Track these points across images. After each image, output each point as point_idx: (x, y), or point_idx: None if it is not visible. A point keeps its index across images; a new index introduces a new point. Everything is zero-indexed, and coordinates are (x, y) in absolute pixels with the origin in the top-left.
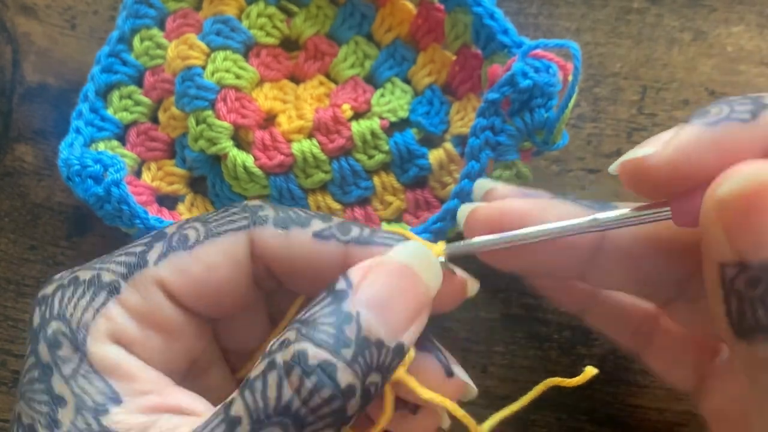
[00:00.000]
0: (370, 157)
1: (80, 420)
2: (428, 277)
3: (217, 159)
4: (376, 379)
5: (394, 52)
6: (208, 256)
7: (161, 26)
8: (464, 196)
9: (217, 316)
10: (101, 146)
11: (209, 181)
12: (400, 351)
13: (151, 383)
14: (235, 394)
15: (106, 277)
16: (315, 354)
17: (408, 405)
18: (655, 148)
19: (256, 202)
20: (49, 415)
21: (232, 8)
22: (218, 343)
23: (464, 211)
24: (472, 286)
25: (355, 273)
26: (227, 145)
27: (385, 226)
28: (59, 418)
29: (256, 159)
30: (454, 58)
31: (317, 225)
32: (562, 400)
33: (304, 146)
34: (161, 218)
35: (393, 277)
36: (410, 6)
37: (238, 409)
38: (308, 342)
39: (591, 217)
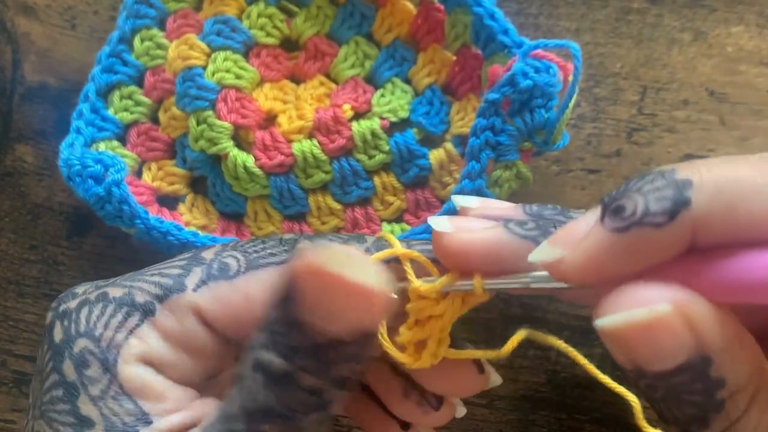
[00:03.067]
0: (371, 157)
1: None
2: (352, 272)
3: (218, 159)
4: (348, 370)
5: (394, 53)
6: (248, 288)
7: (162, 26)
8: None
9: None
10: (102, 146)
11: (209, 181)
12: (368, 336)
13: (179, 401)
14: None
15: (140, 297)
16: (279, 365)
17: (431, 401)
18: (563, 251)
19: (292, 236)
20: None
21: (233, 8)
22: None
23: (435, 225)
24: (494, 379)
25: (297, 278)
26: (228, 146)
27: (385, 226)
28: None
29: (256, 159)
30: (454, 58)
31: (357, 248)
32: (562, 400)
33: (304, 146)
34: (162, 218)
35: (316, 281)
36: (410, 6)
37: (232, 405)
38: (270, 353)
39: (528, 279)
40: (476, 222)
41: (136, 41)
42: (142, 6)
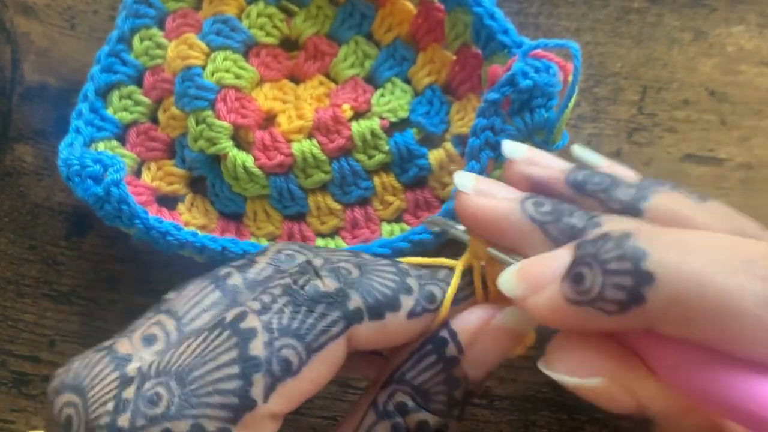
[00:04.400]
0: (370, 157)
1: None
2: (525, 329)
3: (217, 159)
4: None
5: (394, 52)
6: (314, 375)
7: (161, 26)
8: None
9: None
10: (101, 146)
11: (209, 181)
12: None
13: None
14: None
15: (210, 426)
16: (435, 422)
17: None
18: (525, 293)
19: (332, 283)
20: None
21: (232, 8)
22: None
23: (459, 180)
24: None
25: (464, 336)
26: (227, 145)
27: (384, 226)
28: None
29: (255, 159)
30: (454, 58)
31: (407, 302)
32: (562, 400)
33: (304, 146)
34: (161, 218)
35: (499, 342)
36: (410, 6)
37: None
38: (426, 414)
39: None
40: (500, 188)
41: (136, 41)
42: (142, 5)
